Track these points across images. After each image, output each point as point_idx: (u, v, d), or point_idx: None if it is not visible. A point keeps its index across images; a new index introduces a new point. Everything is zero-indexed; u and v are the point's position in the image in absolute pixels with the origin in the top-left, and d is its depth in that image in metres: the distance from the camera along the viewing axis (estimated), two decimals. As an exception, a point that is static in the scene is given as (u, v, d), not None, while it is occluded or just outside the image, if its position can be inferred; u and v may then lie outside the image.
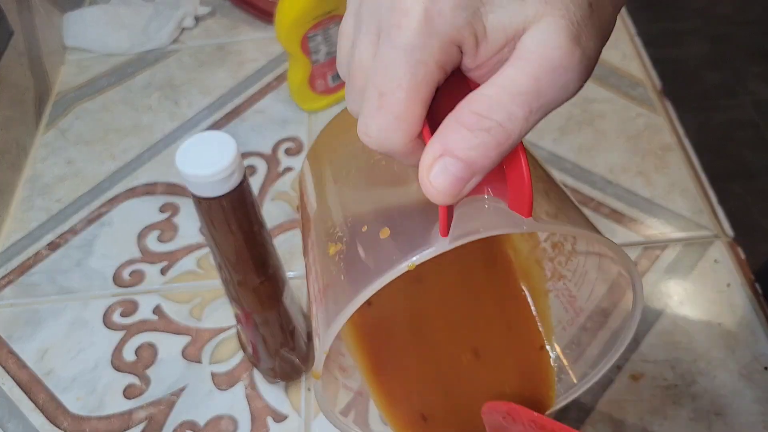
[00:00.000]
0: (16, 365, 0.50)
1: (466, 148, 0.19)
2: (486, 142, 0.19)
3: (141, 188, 0.60)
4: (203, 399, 0.47)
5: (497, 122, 0.19)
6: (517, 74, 0.19)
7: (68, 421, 0.47)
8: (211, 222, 0.37)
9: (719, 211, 0.54)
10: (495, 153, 0.20)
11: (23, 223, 0.59)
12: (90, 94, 0.69)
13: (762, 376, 0.45)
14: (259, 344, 0.45)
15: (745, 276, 0.50)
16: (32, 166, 0.63)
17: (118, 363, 0.49)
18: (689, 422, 0.43)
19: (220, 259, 0.40)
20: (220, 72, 0.70)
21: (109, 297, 0.53)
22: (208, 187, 0.34)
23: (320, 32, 0.59)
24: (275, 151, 0.62)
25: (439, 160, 0.20)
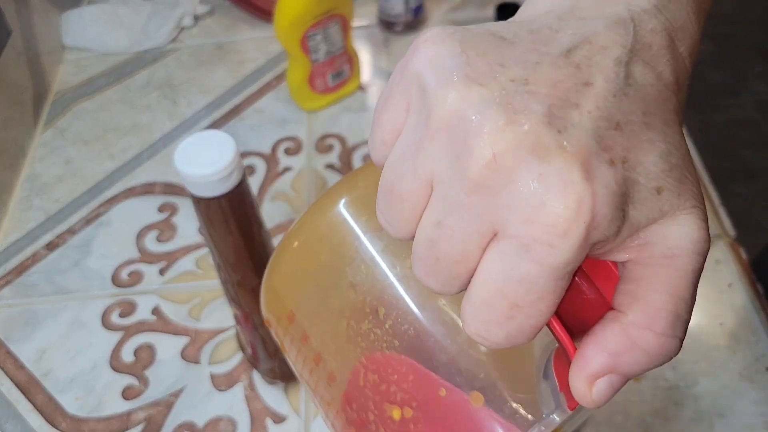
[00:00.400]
0: (14, 366, 0.50)
1: (641, 370, 0.19)
2: (662, 362, 0.19)
3: (140, 188, 0.60)
4: (202, 400, 0.47)
5: (678, 339, 0.19)
6: (680, 275, 0.19)
7: (66, 422, 0.47)
8: (210, 222, 0.37)
9: (721, 211, 0.54)
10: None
11: (21, 223, 0.58)
12: (88, 93, 0.69)
13: (763, 377, 0.45)
14: (258, 345, 0.45)
15: (746, 276, 0.49)
16: (30, 166, 0.63)
17: (117, 364, 0.49)
18: (691, 423, 0.43)
19: (219, 259, 0.39)
20: (219, 71, 0.69)
21: (108, 297, 0.53)
22: (207, 186, 0.34)
23: (320, 31, 0.59)
24: (274, 150, 0.62)
25: (605, 377, 0.19)
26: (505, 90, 0.18)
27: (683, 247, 0.19)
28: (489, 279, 0.18)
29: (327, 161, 0.60)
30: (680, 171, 0.19)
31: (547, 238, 0.17)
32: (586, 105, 0.18)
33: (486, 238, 0.18)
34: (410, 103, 0.19)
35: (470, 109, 0.17)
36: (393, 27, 0.71)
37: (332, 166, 0.60)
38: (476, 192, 0.17)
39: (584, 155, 0.17)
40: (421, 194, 0.19)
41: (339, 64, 0.63)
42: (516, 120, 0.17)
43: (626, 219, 0.18)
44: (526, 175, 0.17)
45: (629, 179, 0.18)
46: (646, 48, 0.19)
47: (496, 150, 0.17)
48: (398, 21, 0.70)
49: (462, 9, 0.73)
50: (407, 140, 0.19)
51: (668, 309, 0.18)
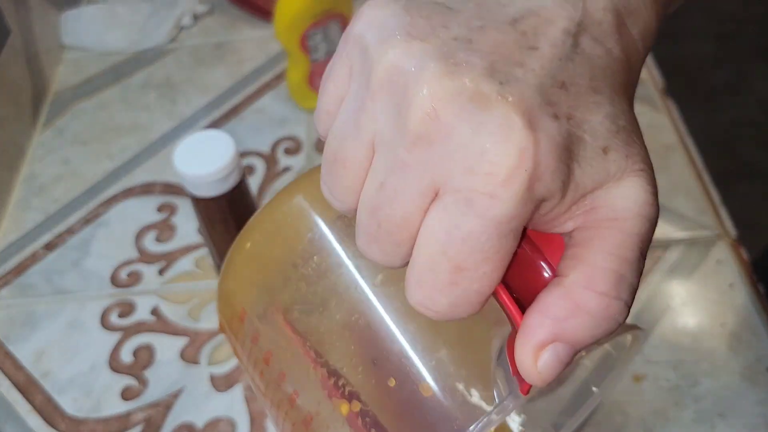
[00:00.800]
0: (12, 366, 0.50)
1: (587, 335, 0.18)
2: (608, 328, 0.18)
3: (138, 188, 0.60)
4: (201, 401, 0.47)
5: (624, 302, 0.18)
6: (625, 238, 0.18)
7: (65, 423, 0.46)
8: (209, 222, 0.37)
9: (722, 211, 0.53)
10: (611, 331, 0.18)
11: (20, 224, 0.58)
12: (87, 93, 0.69)
13: (765, 377, 0.44)
14: (258, 345, 0.45)
15: (748, 276, 0.49)
16: (29, 166, 0.63)
17: (116, 364, 0.49)
18: (692, 423, 0.43)
19: (219, 259, 0.39)
20: (218, 71, 0.69)
21: (107, 298, 0.53)
22: (206, 186, 0.34)
23: (319, 30, 0.59)
24: (274, 150, 0.61)
25: (549, 347, 0.17)
26: (446, 46, 0.17)
27: (628, 209, 0.18)
28: (431, 240, 0.17)
29: (327, 161, 0.60)
30: (628, 134, 0.18)
31: (489, 188, 0.16)
32: (531, 64, 0.17)
33: (427, 197, 0.17)
34: (352, 68, 0.19)
35: (410, 61, 0.17)
36: (393, 26, 0.70)
37: (332, 166, 0.60)
38: (416, 146, 0.17)
39: (527, 106, 0.17)
40: (364, 158, 0.18)
41: (339, 64, 0.63)
42: (456, 71, 0.17)
43: (571, 177, 0.17)
44: (466, 124, 0.16)
45: (574, 135, 0.17)
46: (595, 24, 0.19)
47: (434, 100, 0.17)
48: (398, 20, 0.70)
49: (462, 8, 0.73)
50: (349, 105, 0.19)
51: (610, 268, 0.18)
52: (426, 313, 0.18)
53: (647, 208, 0.18)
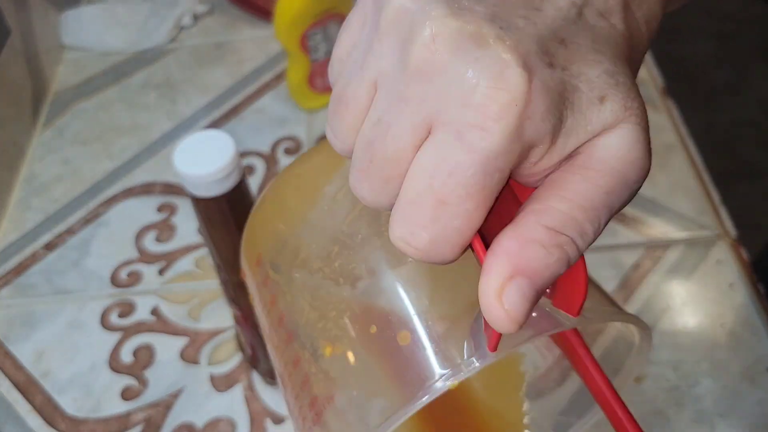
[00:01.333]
0: (12, 366, 0.50)
1: (541, 266, 0.17)
2: (560, 258, 0.17)
3: (138, 188, 0.60)
4: (201, 401, 0.47)
5: (570, 238, 0.18)
6: (589, 189, 0.18)
7: (65, 423, 0.46)
8: (209, 222, 0.37)
9: (722, 211, 0.53)
10: (564, 268, 0.18)
11: (20, 224, 0.58)
12: (87, 93, 0.69)
13: (765, 377, 0.44)
14: (258, 345, 0.45)
15: (748, 276, 0.49)
16: (29, 166, 0.63)
17: (116, 364, 0.49)
18: (692, 424, 0.43)
19: (219, 259, 0.39)
20: (218, 71, 0.69)
21: (107, 298, 0.53)
22: (206, 186, 0.34)
23: (319, 30, 0.59)
24: (274, 150, 0.61)
25: (510, 282, 0.17)
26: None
27: (605, 162, 0.18)
28: (418, 174, 0.18)
29: (327, 161, 0.60)
30: (627, 87, 0.18)
31: (480, 120, 0.17)
32: (533, 18, 0.18)
33: (421, 133, 0.18)
34: (365, 17, 0.20)
35: (417, 3, 0.18)
36: (393, 26, 0.70)
37: (332, 166, 0.60)
38: (414, 79, 0.17)
39: (523, 50, 0.17)
40: (366, 96, 0.19)
41: (339, 64, 0.63)
42: (459, 13, 0.17)
43: (563, 124, 0.18)
44: (463, 60, 0.17)
45: (569, 83, 0.18)
46: (601, 1, 0.19)
47: (436, 36, 0.17)
48: (398, 20, 0.70)
49: (462, 8, 0.73)
50: (358, 48, 0.19)
51: (562, 210, 0.18)
52: (406, 250, 0.18)
53: (627, 164, 0.18)
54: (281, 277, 0.27)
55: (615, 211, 0.19)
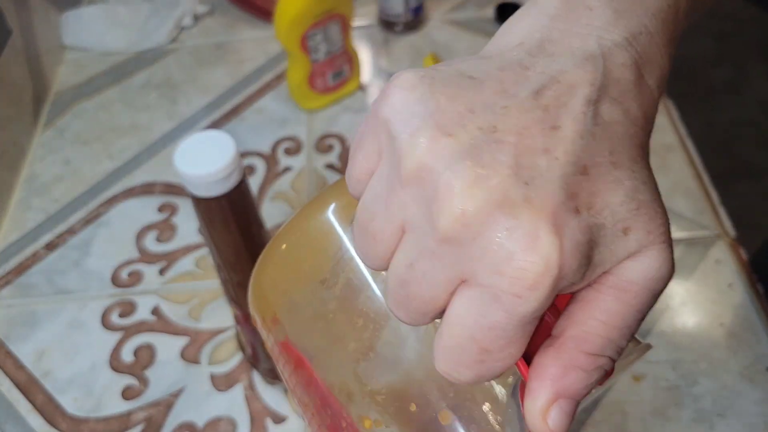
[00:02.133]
0: (13, 366, 0.50)
1: (582, 388, 0.19)
2: (598, 376, 0.19)
3: (139, 188, 0.60)
4: (202, 400, 0.47)
5: (608, 357, 0.19)
6: (622, 309, 0.19)
7: (66, 422, 0.46)
8: (209, 222, 0.37)
9: (721, 211, 0.54)
10: (601, 380, 0.20)
11: (21, 224, 0.58)
12: (88, 93, 0.69)
13: (764, 377, 0.45)
14: (258, 345, 0.45)
15: (747, 276, 0.49)
16: (30, 166, 0.63)
17: (117, 364, 0.49)
18: (691, 423, 0.43)
19: (219, 259, 0.39)
20: (218, 71, 0.69)
21: (107, 298, 0.53)
22: (206, 186, 0.34)
23: (320, 31, 0.59)
24: (274, 150, 0.62)
25: (554, 404, 0.19)
26: (473, 140, 0.18)
27: (636, 283, 0.19)
28: (459, 324, 0.19)
29: (327, 161, 0.60)
30: (648, 208, 0.19)
31: (516, 289, 0.17)
32: (554, 150, 0.18)
33: (455, 284, 0.19)
34: (381, 148, 0.20)
35: (439, 162, 0.18)
36: (393, 27, 0.71)
37: (332, 166, 0.60)
38: (445, 243, 0.18)
39: (551, 208, 0.17)
40: (394, 236, 0.19)
41: (339, 64, 0.63)
42: (484, 175, 0.17)
43: (591, 263, 0.18)
44: (494, 229, 0.17)
45: (595, 225, 0.18)
46: (614, 83, 0.19)
47: (464, 207, 0.17)
48: (398, 21, 0.70)
49: (462, 9, 0.73)
50: (380, 184, 0.20)
51: (601, 335, 0.19)
52: (452, 380, 0.20)
53: (656, 283, 0.19)
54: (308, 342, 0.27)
55: (644, 317, 0.20)
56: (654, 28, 0.21)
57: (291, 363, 0.27)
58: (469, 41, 0.69)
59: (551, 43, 0.20)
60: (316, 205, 0.27)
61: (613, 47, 0.20)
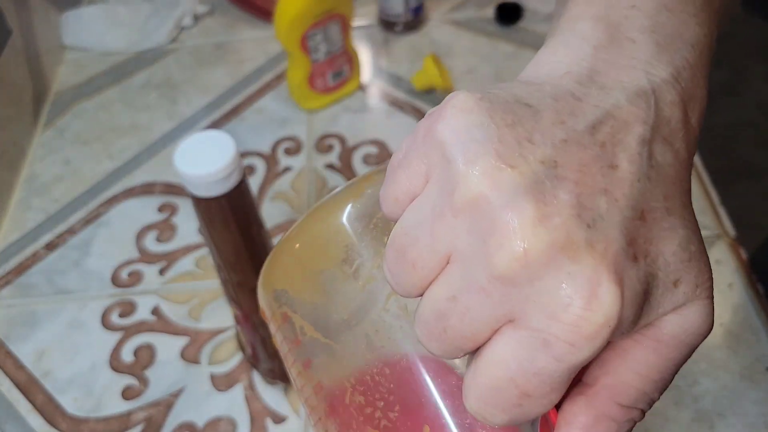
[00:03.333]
0: (13, 366, 0.50)
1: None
2: (629, 428, 0.19)
3: (139, 188, 0.60)
4: (202, 400, 0.47)
5: (641, 410, 0.19)
6: (659, 363, 0.19)
7: (66, 422, 0.46)
8: (209, 222, 0.37)
9: (721, 211, 0.54)
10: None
11: (21, 224, 0.58)
12: (88, 93, 0.69)
13: (764, 377, 0.45)
14: (258, 345, 0.45)
15: (747, 276, 0.49)
16: (30, 166, 0.63)
17: (117, 364, 0.49)
18: (691, 423, 0.43)
19: (219, 259, 0.39)
20: (218, 71, 0.69)
21: (107, 298, 0.53)
22: (206, 186, 0.34)
23: (320, 31, 0.59)
24: (274, 150, 0.62)
25: None
26: (535, 174, 0.17)
27: (676, 337, 0.19)
28: (501, 366, 0.18)
29: (327, 161, 0.60)
30: (698, 260, 0.19)
31: (571, 337, 0.17)
32: (614, 192, 0.17)
33: (501, 322, 0.18)
34: (431, 171, 0.19)
35: (500, 195, 0.17)
36: (393, 27, 0.71)
37: (332, 166, 0.60)
38: (500, 281, 0.17)
39: (613, 255, 0.17)
40: (436, 266, 0.18)
41: (339, 64, 0.63)
42: (547, 213, 0.17)
43: (642, 314, 0.18)
44: (555, 273, 0.17)
45: (650, 275, 0.18)
46: (665, 123, 0.19)
47: (526, 246, 0.17)
48: (398, 21, 0.70)
49: (462, 9, 0.73)
50: (426, 209, 0.19)
51: (636, 387, 0.19)
52: (480, 419, 0.19)
53: (695, 338, 0.19)
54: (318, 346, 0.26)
55: (678, 371, 0.20)
56: (694, 61, 0.20)
57: (300, 363, 0.26)
58: (469, 41, 0.69)
59: (599, 74, 0.19)
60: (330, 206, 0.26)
61: (662, 84, 0.19)
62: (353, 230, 0.26)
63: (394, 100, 0.65)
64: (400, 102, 0.64)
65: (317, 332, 0.26)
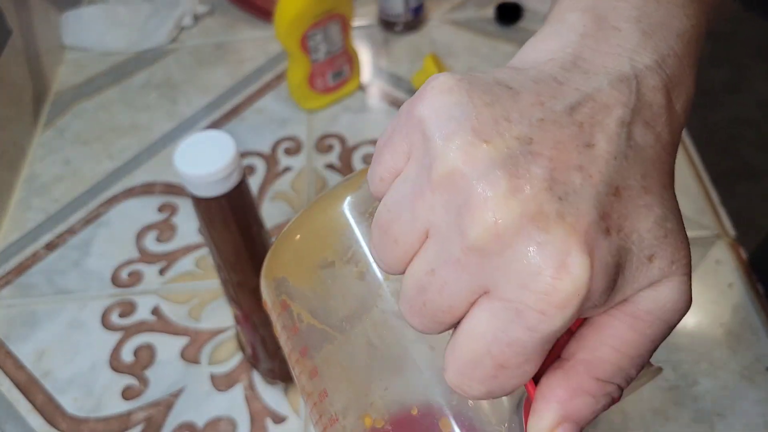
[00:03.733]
0: (13, 366, 0.50)
1: (589, 413, 0.19)
2: (606, 403, 0.19)
3: (139, 188, 0.60)
4: (202, 400, 0.47)
5: (617, 385, 0.19)
6: (636, 339, 0.19)
7: (66, 422, 0.46)
8: (209, 222, 0.37)
9: (721, 211, 0.54)
10: (608, 407, 0.20)
11: (21, 224, 0.58)
12: (88, 93, 0.69)
13: (764, 377, 0.45)
14: (258, 345, 0.45)
15: (747, 276, 0.49)
16: (30, 166, 0.63)
17: (117, 364, 0.49)
18: (691, 423, 0.43)
19: (219, 259, 0.39)
20: (218, 71, 0.69)
21: (107, 298, 0.53)
22: (206, 186, 0.34)
23: (320, 31, 0.59)
24: (274, 150, 0.62)
25: (560, 427, 0.19)
26: (509, 149, 0.17)
27: (652, 313, 0.19)
28: (477, 337, 0.18)
29: (327, 161, 0.60)
30: (675, 237, 0.19)
31: (542, 306, 0.17)
32: (588, 168, 0.18)
33: (476, 294, 0.18)
34: (412, 148, 0.19)
35: (474, 169, 0.17)
36: (393, 27, 0.71)
37: (332, 166, 0.60)
38: (473, 252, 0.17)
39: (584, 226, 0.17)
40: (416, 240, 0.19)
41: (339, 64, 0.63)
42: (519, 186, 0.17)
43: (615, 288, 0.18)
44: (526, 242, 0.17)
45: (623, 249, 0.18)
46: (647, 107, 0.19)
47: (497, 217, 0.17)
48: (398, 21, 0.70)
49: (462, 9, 0.73)
50: (406, 186, 0.19)
51: (612, 362, 0.19)
52: (460, 393, 0.19)
53: (672, 314, 0.19)
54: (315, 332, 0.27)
55: (656, 348, 0.20)
56: (681, 50, 0.20)
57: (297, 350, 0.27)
58: (469, 41, 0.69)
59: (583, 60, 0.19)
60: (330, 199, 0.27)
61: (644, 70, 0.19)
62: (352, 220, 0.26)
63: (394, 100, 0.65)
64: (400, 102, 0.64)
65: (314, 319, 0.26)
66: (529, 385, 0.20)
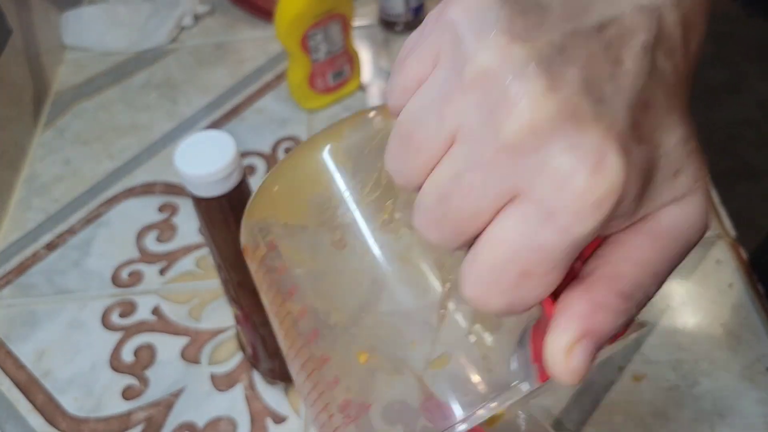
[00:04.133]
0: (14, 366, 0.50)
1: (609, 330, 0.18)
2: (627, 319, 0.19)
3: (139, 188, 0.60)
4: (202, 400, 0.47)
5: (636, 304, 0.19)
6: (657, 256, 0.19)
7: (66, 422, 0.46)
8: (210, 222, 0.37)
9: (721, 211, 0.54)
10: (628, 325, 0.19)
11: (21, 223, 0.58)
12: (88, 93, 0.69)
13: (764, 377, 0.45)
14: (259, 345, 0.45)
15: (747, 276, 0.49)
16: (30, 166, 0.63)
17: (117, 364, 0.49)
18: (691, 423, 0.43)
19: (220, 259, 0.39)
20: (219, 71, 0.69)
21: (108, 297, 0.53)
22: (207, 186, 0.34)
23: (320, 31, 0.59)
24: (275, 150, 0.62)
25: (579, 343, 0.18)
26: (543, 52, 0.17)
27: (672, 229, 0.19)
28: (503, 243, 0.18)
29: (327, 161, 0.60)
30: (696, 156, 0.19)
31: (576, 206, 0.17)
32: (620, 79, 0.18)
33: (504, 199, 0.18)
34: (441, 53, 0.19)
35: (509, 67, 0.17)
36: (393, 27, 0.71)
37: (332, 166, 0.60)
38: (507, 152, 0.17)
39: (619, 129, 0.17)
40: (442, 146, 0.18)
41: (339, 64, 0.63)
42: (555, 86, 0.17)
43: (643, 199, 0.18)
44: (562, 142, 0.17)
45: (652, 160, 0.18)
46: (666, 39, 0.19)
47: (534, 114, 0.17)
48: (399, 21, 0.70)
49: (462, 9, 0.73)
50: (434, 90, 0.19)
51: (632, 277, 0.19)
52: (477, 306, 0.19)
53: (692, 233, 0.19)
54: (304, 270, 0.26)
55: (675, 268, 0.20)
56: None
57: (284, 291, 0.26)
58: (470, 41, 0.69)
59: None
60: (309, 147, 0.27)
61: (663, 6, 0.19)
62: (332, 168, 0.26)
63: (394, 100, 0.65)
64: (400, 102, 0.64)
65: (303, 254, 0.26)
66: (546, 303, 0.19)
